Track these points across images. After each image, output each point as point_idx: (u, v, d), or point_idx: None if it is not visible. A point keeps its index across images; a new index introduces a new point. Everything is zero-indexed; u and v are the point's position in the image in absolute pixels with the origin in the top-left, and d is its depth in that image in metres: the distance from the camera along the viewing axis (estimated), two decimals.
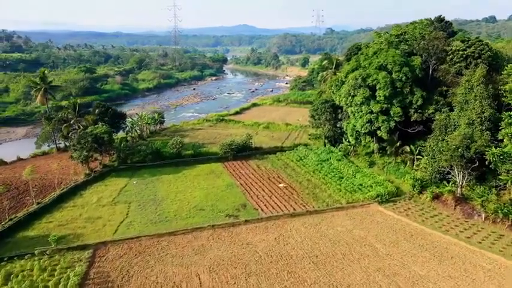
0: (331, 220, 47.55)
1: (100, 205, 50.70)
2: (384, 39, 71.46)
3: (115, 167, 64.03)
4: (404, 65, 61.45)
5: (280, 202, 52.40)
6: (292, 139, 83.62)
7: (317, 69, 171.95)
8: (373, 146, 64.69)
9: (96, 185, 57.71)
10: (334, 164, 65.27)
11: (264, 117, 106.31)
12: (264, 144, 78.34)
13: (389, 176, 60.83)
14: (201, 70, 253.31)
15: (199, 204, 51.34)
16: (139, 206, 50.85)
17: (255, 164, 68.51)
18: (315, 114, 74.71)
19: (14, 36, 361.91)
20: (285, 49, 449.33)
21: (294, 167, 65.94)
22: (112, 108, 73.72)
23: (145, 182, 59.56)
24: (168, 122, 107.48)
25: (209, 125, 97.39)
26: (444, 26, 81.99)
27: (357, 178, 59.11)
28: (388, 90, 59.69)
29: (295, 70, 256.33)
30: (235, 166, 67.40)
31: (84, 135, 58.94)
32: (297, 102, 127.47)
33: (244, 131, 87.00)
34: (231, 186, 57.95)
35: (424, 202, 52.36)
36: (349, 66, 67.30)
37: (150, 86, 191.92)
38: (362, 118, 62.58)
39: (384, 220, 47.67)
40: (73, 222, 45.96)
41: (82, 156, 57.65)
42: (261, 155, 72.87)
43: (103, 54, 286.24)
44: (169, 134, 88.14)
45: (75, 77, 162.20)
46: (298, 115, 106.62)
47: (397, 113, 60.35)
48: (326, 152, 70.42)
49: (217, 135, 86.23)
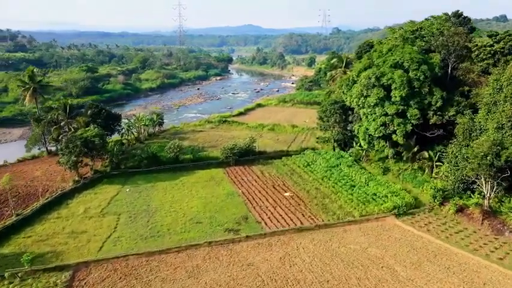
0: (343, 236, 42.34)
1: (87, 217, 45.92)
2: (399, 35, 66.08)
3: (107, 173, 59.32)
4: (423, 62, 56.05)
5: (286, 214, 47.29)
6: (299, 142, 78.44)
7: (324, 69, 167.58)
8: (387, 151, 59.36)
9: (85, 193, 52.96)
10: (344, 170, 60.01)
11: (269, 119, 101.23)
12: (268, 147, 73.28)
13: (406, 184, 55.48)
14: (205, 70, 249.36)
15: (196, 217, 46.38)
16: (130, 217, 46.00)
17: (258, 169, 63.47)
18: (323, 116, 69.46)
19: (19, 36, 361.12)
20: (291, 49, 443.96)
21: (301, 173, 60.80)
22: (106, 109, 69.06)
23: (139, 189, 54.74)
24: (170, 123, 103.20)
25: (211, 127, 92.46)
26: (462, 22, 76.41)
27: (370, 187, 53.81)
28: (404, 90, 54.32)
29: (301, 70, 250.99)
30: (237, 172, 62.40)
31: (72, 138, 54.26)
32: (304, 103, 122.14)
33: (248, 134, 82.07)
34: (232, 195, 52.96)
35: (447, 215, 46.92)
36: (361, 65, 61.98)
37: (153, 86, 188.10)
38: (376, 121, 57.25)
39: (402, 236, 42.36)
40: (54, 237, 41.20)
41: (70, 162, 52.97)
42: (265, 159, 67.79)
43: (107, 54, 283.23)
44: (168, 136, 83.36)
45: (76, 77, 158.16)
46: (304, 116, 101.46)
47: (415, 115, 54.94)
48: (335, 156, 65.14)
49: (219, 138, 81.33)
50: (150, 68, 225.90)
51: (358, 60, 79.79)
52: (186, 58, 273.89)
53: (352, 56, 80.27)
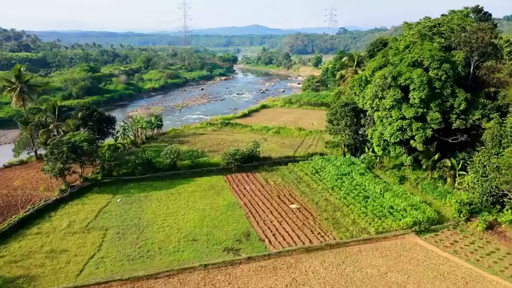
0: (358, 258, 37.13)
1: (70, 232, 41.07)
2: (416, 31, 60.65)
3: (98, 181, 54.54)
4: (444, 60, 50.65)
5: (293, 230, 42.14)
6: (306, 147, 73.25)
7: (332, 69, 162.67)
8: (404, 159, 53.98)
9: (71, 203, 48.12)
10: (356, 179, 54.75)
11: (274, 121, 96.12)
12: (273, 152, 68.19)
13: (425, 195, 50.11)
14: (210, 70, 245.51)
15: (191, 233, 41.37)
16: (118, 233, 41.09)
17: (262, 177, 58.37)
18: (333, 118, 64.25)
19: (24, 36, 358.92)
20: (297, 49, 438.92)
21: (309, 181, 55.65)
22: (98, 111, 64.28)
23: (131, 200, 49.88)
24: (172, 125, 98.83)
25: (213, 130, 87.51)
26: (483, 18, 70.73)
27: (386, 198, 48.52)
28: (424, 91, 48.99)
29: (307, 70, 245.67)
30: (239, 180, 57.38)
31: (58, 143, 49.54)
32: (311, 104, 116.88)
33: (252, 137, 77.11)
34: (233, 207, 47.92)
35: (474, 233, 41.50)
36: (375, 63, 56.67)
37: (156, 86, 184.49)
38: (392, 125, 51.93)
39: (425, 258, 37.06)
40: (30, 257, 36.43)
41: (56, 170, 48.25)
42: (270, 166, 62.65)
43: (111, 54, 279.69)
44: (168, 139, 78.56)
45: (76, 77, 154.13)
46: (312, 118, 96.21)
47: (436, 119, 49.57)
48: (346, 163, 59.90)
49: (221, 142, 76.35)
50: (154, 67, 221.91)
51: (371, 58, 74.49)
52: (190, 58, 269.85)
53: (364, 54, 74.95)
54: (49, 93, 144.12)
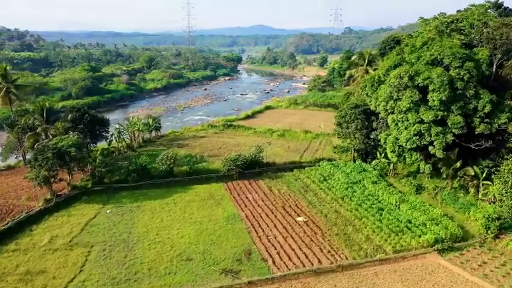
0: (375, 282, 32.56)
1: (51, 249, 36.86)
2: (434, 27, 55.94)
3: (87, 189, 50.39)
4: (467, 59, 45.95)
5: (299, 248, 37.66)
6: (313, 151, 68.70)
7: (338, 69, 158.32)
8: (422, 167, 49.24)
9: (56, 215, 43.92)
10: (369, 188, 50.14)
11: (279, 123, 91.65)
12: (278, 157, 63.71)
13: (446, 207, 45.38)
14: (214, 70, 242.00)
15: (186, 251, 37.02)
16: (104, 251, 36.84)
17: (266, 185, 53.92)
18: (342, 121, 59.63)
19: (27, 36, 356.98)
20: (302, 49, 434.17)
21: (317, 190, 51.11)
22: (90, 112, 60.07)
23: (122, 210, 45.62)
24: (173, 126, 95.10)
25: (214, 132, 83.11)
26: (503, 14, 65.82)
27: (403, 211, 43.88)
28: (445, 92, 44.28)
29: (312, 70, 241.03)
30: (240, 188, 52.96)
31: (43, 149, 45.43)
32: (317, 105, 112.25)
33: (255, 140, 72.81)
34: (234, 220, 43.51)
35: (505, 252, 36.79)
36: (389, 61, 51.97)
37: (159, 86, 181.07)
38: (408, 129, 47.25)
39: (452, 283, 32.41)
40: (2, 281, 32.24)
41: (40, 178, 44.11)
42: (274, 172, 58.16)
43: (114, 54, 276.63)
44: (166, 142, 74.37)
45: (77, 76, 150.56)
46: (318, 120, 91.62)
47: (457, 122, 44.84)
48: (357, 170, 55.30)
49: (222, 145, 71.97)
50: (157, 67, 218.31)
51: (382, 57, 69.80)
52: (194, 58, 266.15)
53: (375, 52, 70.24)
54: (48, 93, 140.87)
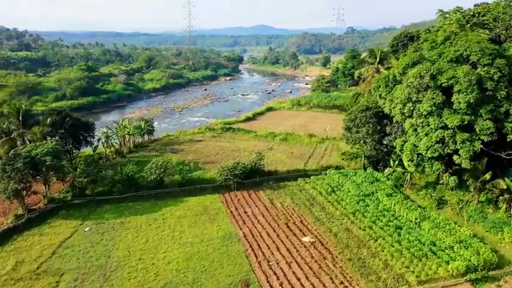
0: None
1: (12, 279, 31.18)
2: (455, 20, 50.15)
3: (67, 202, 44.79)
4: (497, 55, 40.23)
5: (306, 277, 31.90)
6: (318, 157, 62.93)
7: (342, 68, 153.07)
8: (445, 178, 43.46)
9: (27, 234, 38.40)
10: (383, 201, 44.39)
11: (281, 125, 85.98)
12: (280, 164, 58.04)
13: (474, 226, 39.61)
14: (215, 69, 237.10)
15: (173, 281, 31.29)
16: (76, 281, 31.14)
17: (267, 196, 48.20)
18: (351, 125, 53.97)
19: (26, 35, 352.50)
20: (304, 49, 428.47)
21: (324, 203, 45.39)
22: (72, 116, 54.40)
23: (103, 228, 40.01)
24: (170, 128, 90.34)
25: (212, 136, 77.37)
26: None
27: (425, 230, 38.12)
28: (473, 93, 38.55)
29: (315, 70, 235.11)
30: (239, 200, 47.28)
31: (13, 158, 39.92)
32: (321, 107, 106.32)
33: (256, 145, 67.20)
34: (230, 240, 37.81)
35: None
36: (406, 59, 46.08)
37: (157, 86, 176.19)
38: (429, 136, 41.49)
39: None
40: None
41: (9, 191, 38.59)
42: (277, 181, 52.50)
43: (114, 53, 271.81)
44: (159, 147, 68.74)
45: (72, 76, 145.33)
46: (323, 123, 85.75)
47: (486, 128, 39.12)
48: (369, 180, 49.51)
49: (220, 151, 66.30)
50: (156, 67, 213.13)
51: (394, 55, 64.06)
52: (195, 57, 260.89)
53: (387, 49, 64.02)
54: (41, 93, 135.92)
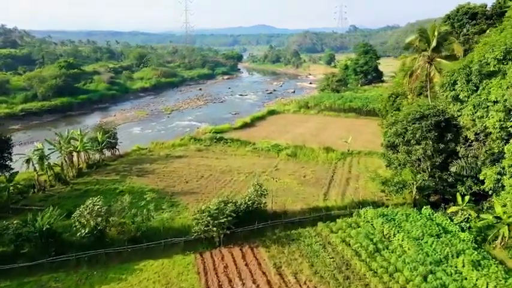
0: None
1: None
2: None
3: None
4: None
5: None
6: (342, 183, 44.53)
7: (352, 66, 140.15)
8: None
9: None
10: (469, 277, 26.27)
11: (288, 134, 67.93)
12: (290, 196, 39.78)
13: None
14: (212, 68, 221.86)
15: None
16: None
17: (271, 260, 29.58)
18: (398, 141, 35.92)
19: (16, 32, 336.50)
20: (306, 47, 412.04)
21: (365, 273, 27.35)
22: None
23: None
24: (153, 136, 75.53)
25: (197, 149, 58.65)
26: None
27: None
28: None
29: (319, 68, 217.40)
30: (226, 267, 28.89)
31: None
32: (334, 110, 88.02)
33: (255, 164, 49.21)
34: None
35: None
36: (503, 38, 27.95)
37: (147, 86, 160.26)
38: None
39: None
40: None
41: None
42: (285, 228, 34.35)
43: (105, 51, 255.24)
44: (123, 168, 50.26)
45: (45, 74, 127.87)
46: (339, 129, 67.94)
47: None
48: (430, 229, 31.34)
49: (205, 173, 47.99)
50: (148, 65, 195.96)
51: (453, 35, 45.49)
52: (191, 55, 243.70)
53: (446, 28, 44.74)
54: (9, 93, 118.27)
